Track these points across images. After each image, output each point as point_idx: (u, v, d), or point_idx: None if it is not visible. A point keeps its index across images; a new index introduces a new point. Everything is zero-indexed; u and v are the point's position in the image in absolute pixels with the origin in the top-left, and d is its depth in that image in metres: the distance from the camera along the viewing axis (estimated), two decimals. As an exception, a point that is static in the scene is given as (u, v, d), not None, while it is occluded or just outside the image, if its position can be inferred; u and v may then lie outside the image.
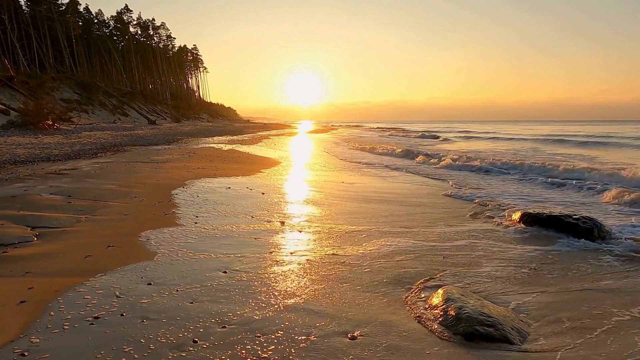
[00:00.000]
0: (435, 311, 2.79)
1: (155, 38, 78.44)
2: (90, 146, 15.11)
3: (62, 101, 33.95)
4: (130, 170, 9.11)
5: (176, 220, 5.09)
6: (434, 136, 32.63)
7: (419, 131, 41.56)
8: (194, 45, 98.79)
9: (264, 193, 7.12)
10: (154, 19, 77.52)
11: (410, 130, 45.24)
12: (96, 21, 64.65)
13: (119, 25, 69.25)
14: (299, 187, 8.24)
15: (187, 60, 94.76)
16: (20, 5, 47.94)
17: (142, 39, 74.75)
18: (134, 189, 6.93)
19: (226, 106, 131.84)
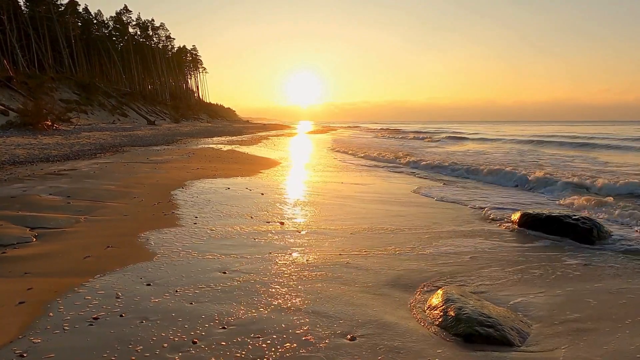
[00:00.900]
0: (435, 312, 2.79)
1: (155, 39, 78.51)
2: (89, 147, 15.10)
3: (61, 101, 33.94)
4: (129, 171, 9.10)
5: (176, 220, 5.08)
6: (425, 137, 32.96)
7: (414, 131, 44.49)
8: (193, 46, 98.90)
9: (263, 194, 7.11)
10: (153, 20, 77.76)
11: (406, 131, 47.39)
12: (95, 22, 64.69)
13: (118, 26, 69.27)
14: (299, 188, 8.24)
15: (186, 61, 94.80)
16: (20, 6, 47.94)
17: (142, 40, 74.77)
18: (134, 189, 6.93)
19: (225, 106, 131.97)
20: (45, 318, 2.56)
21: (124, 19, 69.92)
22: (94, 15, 64.34)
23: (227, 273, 3.41)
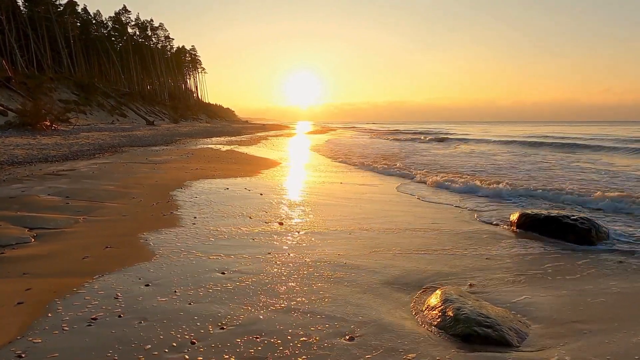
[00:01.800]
0: (434, 312, 2.79)
1: (154, 39, 78.46)
2: (88, 147, 15.08)
3: (60, 102, 33.90)
4: (128, 171, 9.10)
5: (175, 221, 5.08)
6: (415, 139, 32.95)
7: (410, 132, 45.85)
8: (192, 46, 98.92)
9: (262, 194, 7.11)
10: (152, 20, 77.71)
11: (403, 131, 48.72)
12: (94, 22, 64.58)
13: (117, 26, 69.19)
14: (297, 188, 8.24)
15: (185, 61, 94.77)
16: (18, 6, 47.87)
17: (141, 40, 74.72)
18: (132, 189, 6.92)
19: (224, 107, 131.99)
20: (44, 318, 2.56)
21: (123, 19, 69.86)
22: (92, 15, 64.27)
23: (226, 273, 3.41)
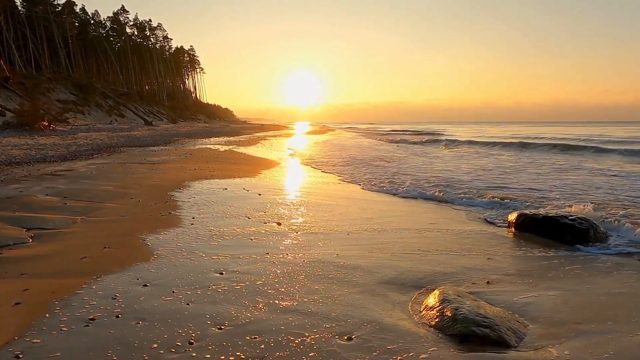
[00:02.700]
0: (432, 312, 2.79)
1: (152, 39, 78.41)
2: (86, 147, 15.06)
3: (58, 102, 33.84)
4: (126, 171, 9.09)
5: (173, 221, 5.07)
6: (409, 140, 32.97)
7: (407, 131, 48.77)
8: (191, 46, 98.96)
9: (260, 194, 7.11)
10: (150, 20, 77.55)
11: (400, 131, 50.71)
12: (92, 22, 64.51)
13: (115, 26, 69.13)
14: (295, 188, 8.24)
15: (183, 61, 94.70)
16: (16, 6, 47.78)
17: (139, 40, 74.66)
18: (131, 190, 6.91)
19: (223, 107, 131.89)
20: (42, 319, 2.56)
21: (121, 19, 69.81)
22: (91, 15, 64.18)
23: (224, 274, 3.41)
